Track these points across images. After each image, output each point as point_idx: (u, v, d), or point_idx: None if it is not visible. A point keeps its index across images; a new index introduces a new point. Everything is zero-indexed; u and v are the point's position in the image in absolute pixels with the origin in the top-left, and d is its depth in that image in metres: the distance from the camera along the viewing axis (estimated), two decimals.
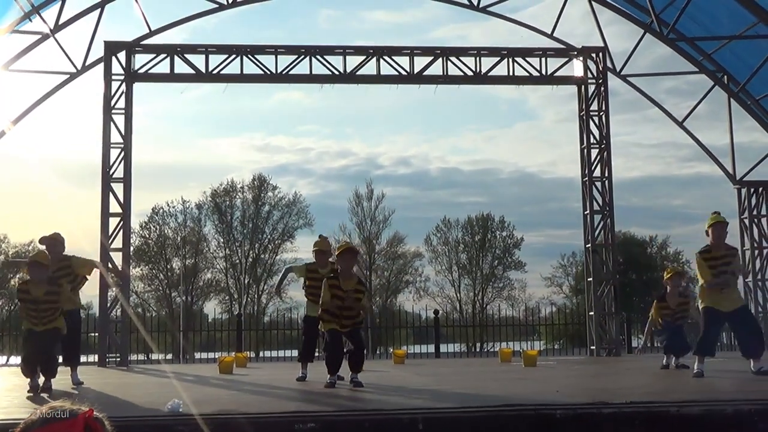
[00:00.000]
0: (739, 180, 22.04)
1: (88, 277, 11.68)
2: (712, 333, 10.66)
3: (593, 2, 21.15)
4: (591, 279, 20.03)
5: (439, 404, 7.80)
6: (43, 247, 11.19)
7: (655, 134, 75.89)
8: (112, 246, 18.76)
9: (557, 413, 7.03)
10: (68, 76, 19.66)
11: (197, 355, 31.09)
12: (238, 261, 54.77)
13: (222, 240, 55.14)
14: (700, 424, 6.88)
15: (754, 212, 22.01)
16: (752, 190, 22.09)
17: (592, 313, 19.86)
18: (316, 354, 11.81)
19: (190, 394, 8.95)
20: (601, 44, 21.08)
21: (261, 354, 29.34)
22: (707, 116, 40.28)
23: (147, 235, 53.75)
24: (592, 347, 19.93)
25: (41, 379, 9.78)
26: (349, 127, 78.94)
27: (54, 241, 11.15)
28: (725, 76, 21.85)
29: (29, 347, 9.99)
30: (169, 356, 30.51)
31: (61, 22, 19.27)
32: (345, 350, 10.16)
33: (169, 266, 54.34)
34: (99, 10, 19.50)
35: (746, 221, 22.01)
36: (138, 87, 19.80)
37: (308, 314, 11.35)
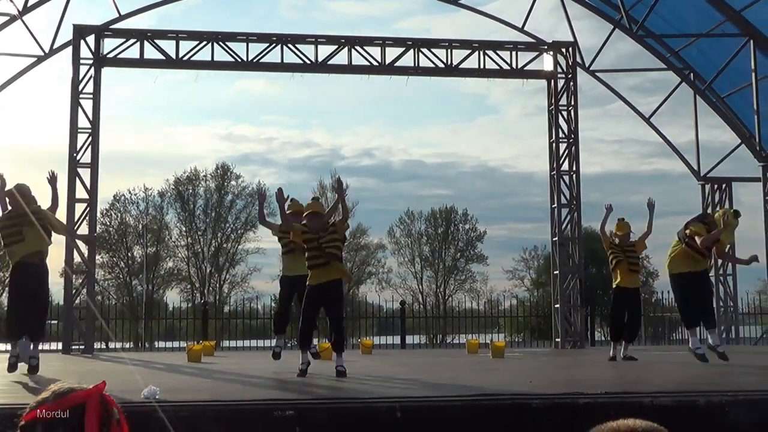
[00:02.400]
0: (703, 176, 22.34)
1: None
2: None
3: None
4: (557, 272, 20.21)
5: (416, 393, 7.84)
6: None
7: (616, 130, 76.55)
8: (78, 232, 18.57)
9: (534, 403, 7.10)
10: (35, 59, 19.38)
11: (159, 344, 30.91)
12: (200, 250, 54.42)
13: (184, 228, 54.72)
14: (673, 414, 6.99)
15: (717, 208, 22.31)
16: (716, 186, 22.41)
17: (557, 305, 20.06)
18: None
19: (163, 381, 8.90)
20: (570, 38, 21.24)
21: (222, 343, 29.22)
22: (667, 113, 40.84)
23: (108, 223, 53.15)
24: (557, 339, 20.12)
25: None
26: (313, 118, 78.77)
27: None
28: (692, 74, 22.12)
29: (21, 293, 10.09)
30: (128, 345, 30.30)
31: (29, 4, 18.97)
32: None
33: (130, 254, 53.85)
34: None
35: None
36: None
37: (284, 274, 11.66)
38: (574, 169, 20.38)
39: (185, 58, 19.66)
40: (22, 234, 10.17)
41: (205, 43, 19.67)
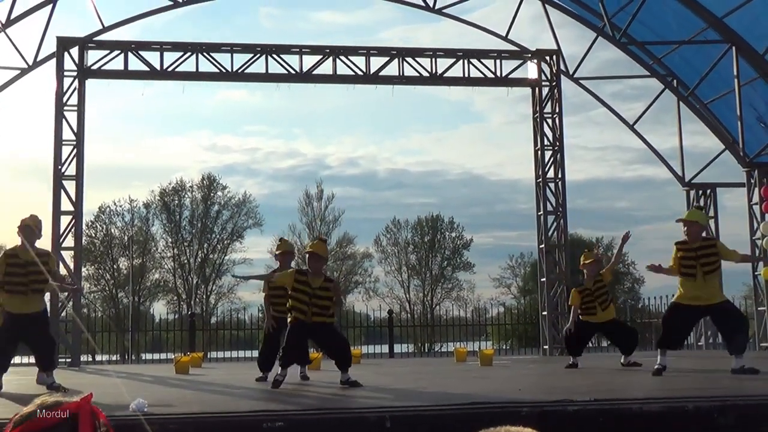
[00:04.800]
0: (687, 182, 22.44)
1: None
2: (672, 326, 10.59)
3: (546, 5, 21.38)
4: (544, 279, 20.24)
5: (405, 402, 7.83)
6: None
7: (599, 137, 76.95)
8: (63, 245, 18.52)
9: (523, 411, 7.10)
10: (19, 71, 19.31)
11: (146, 356, 30.75)
12: (186, 261, 54.20)
13: (170, 240, 54.50)
14: (661, 420, 7.01)
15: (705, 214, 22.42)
16: (700, 192, 22.52)
17: (545, 313, 20.09)
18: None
19: (152, 394, 8.86)
20: (553, 46, 21.34)
21: (210, 355, 29.13)
22: (649, 120, 41.10)
23: (93, 235, 52.83)
24: (545, 347, 20.15)
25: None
26: (296, 127, 78.70)
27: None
28: (675, 80, 22.24)
29: (9, 338, 9.81)
30: (114, 357, 30.10)
31: (13, 16, 18.91)
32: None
33: (115, 266, 53.55)
34: (51, 5, 19.18)
35: None
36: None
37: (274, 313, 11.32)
38: (560, 176, 20.46)
39: (169, 70, 19.64)
40: (26, 288, 9.73)
41: (189, 54, 19.66)
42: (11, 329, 9.77)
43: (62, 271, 18.38)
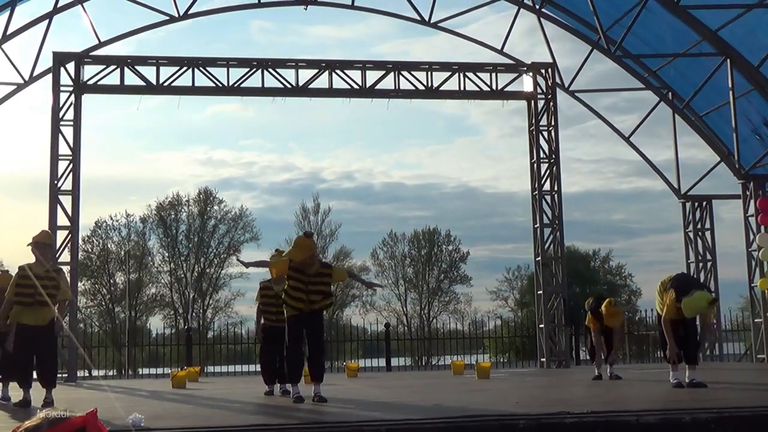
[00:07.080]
0: (683, 194, 22.50)
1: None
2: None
3: (541, 19, 21.47)
4: (541, 292, 20.24)
5: (402, 415, 7.81)
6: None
7: (594, 150, 76.71)
8: (60, 259, 18.47)
9: (520, 423, 7.09)
10: (15, 86, 19.35)
11: (142, 371, 30.66)
12: (183, 275, 54.09)
13: (167, 254, 54.39)
14: None
15: (699, 225, 22.48)
16: (696, 204, 22.57)
17: (542, 325, 20.08)
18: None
19: (148, 408, 8.85)
20: (548, 59, 21.41)
21: (206, 369, 29.05)
22: (644, 132, 41.16)
23: (89, 249, 52.77)
24: (542, 359, 20.13)
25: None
26: (291, 141, 78.60)
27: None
28: (670, 93, 22.31)
29: (23, 350, 9.76)
30: (111, 372, 30.02)
31: (8, 32, 18.96)
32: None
33: (112, 281, 53.42)
34: (47, 20, 19.22)
35: (691, 234, 22.47)
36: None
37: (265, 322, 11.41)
38: (556, 188, 20.48)
39: (165, 84, 19.66)
40: (33, 299, 9.69)
41: (185, 68, 19.68)
42: (24, 342, 9.75)
43: None
